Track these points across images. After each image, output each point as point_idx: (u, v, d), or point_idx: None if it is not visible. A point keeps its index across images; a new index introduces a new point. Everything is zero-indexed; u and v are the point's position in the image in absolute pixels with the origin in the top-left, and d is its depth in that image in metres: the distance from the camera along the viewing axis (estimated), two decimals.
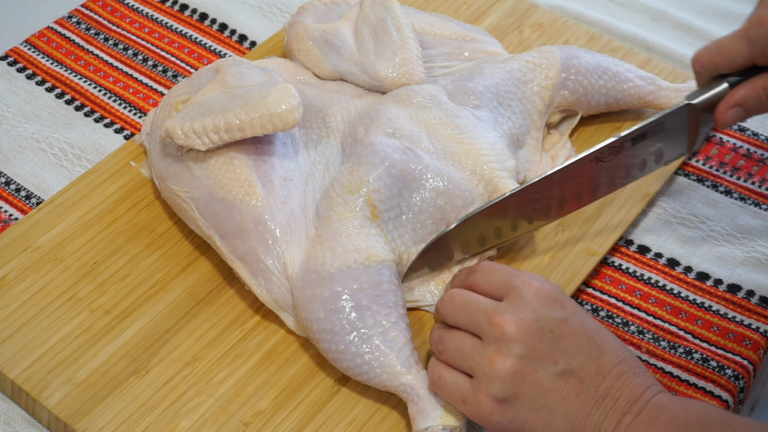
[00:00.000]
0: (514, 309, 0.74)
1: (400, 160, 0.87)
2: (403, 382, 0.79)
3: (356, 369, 0.80)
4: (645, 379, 0.72)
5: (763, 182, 1.02)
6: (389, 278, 0.83)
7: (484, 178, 0.89)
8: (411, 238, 0.87)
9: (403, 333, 0.80)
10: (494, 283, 0.77)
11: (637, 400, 0.71)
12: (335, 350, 0.80)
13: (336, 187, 0.86)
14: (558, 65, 0.98)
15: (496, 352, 0.73)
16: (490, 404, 0.73)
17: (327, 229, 0.84)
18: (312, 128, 0.93)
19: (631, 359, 0.73)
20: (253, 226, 0.84)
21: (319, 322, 0.81)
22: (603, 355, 0.73)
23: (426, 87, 0.94)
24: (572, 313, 0.74)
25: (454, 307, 0.77)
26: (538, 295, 0.75)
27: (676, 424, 0.69)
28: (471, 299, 0.77)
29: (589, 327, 0.74)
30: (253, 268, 0.84)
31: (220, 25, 1.13)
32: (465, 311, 0.76)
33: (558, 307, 0.74)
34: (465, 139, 0.91)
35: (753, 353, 0.89)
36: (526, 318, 0.73)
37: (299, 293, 0.82)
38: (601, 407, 0.71)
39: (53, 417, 0.80)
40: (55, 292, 0.87)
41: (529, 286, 0.75)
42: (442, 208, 0.88)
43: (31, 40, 1.10)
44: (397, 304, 0.82)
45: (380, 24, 0.97)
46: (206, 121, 0.85)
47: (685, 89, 1.01)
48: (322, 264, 0.82)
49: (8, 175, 0.98)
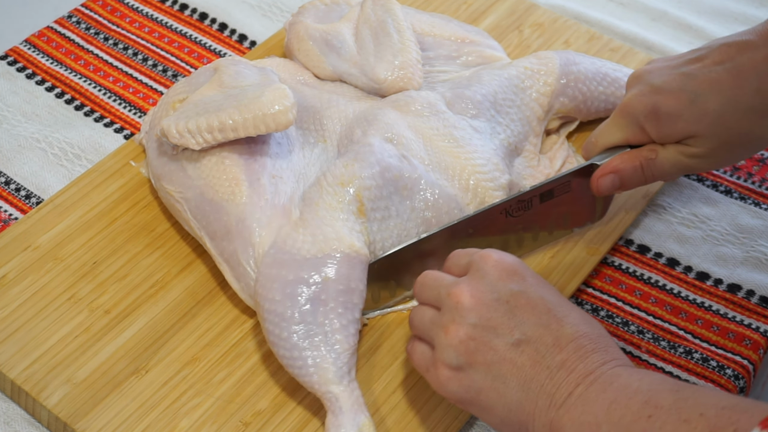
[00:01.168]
0: (471, 280, 0.75)
1: (396, 166, 0.87)
2: (331, 390, 0.78)
3: (291, 361, 0.79)
4: (604, 354, 0.71)
5: (763, 182, 1.02)
6: (359, 275, 0.82)
7: (477, 196, 0.89)
8: (393, 244, 0.87)
9: (348, 339, 0.80)
10: (460, 264, 0.78)
11: (592, 372, 0.70)
12: (278, 335, 0.79)
13: (328, 177, 0.86)
14: (557, 71, 0.97)
15: (451, 320, 0.74)
16: (446, 372, 0.74)
17: (312, 215, 0.84)
18: (309, 129, 0.93)
19: (593, 334, 0.72)
20: (236, 226, 0.84)
21: (274, 302, 0.80)
22: (562, 328, 0.72)
23: (425, 94, 0.94)
24: (531, 286, 0.74)
25: (423, 285, 0.78)
26: (495, 267, 0.75)
27: (627, 391, 0.68)
28: (437, 276, 0.78)
29: (549, 300, 0.73)
30: (236, 272, 0.84)
31: (220, 25, 1.13)
32: (430, 287, 0.77)
33: (517, 279, 0.74)
34: (461, 153, 0.90)
35: (753, 353, 0.89)
36: (482, 288, 0.74)
37: (264, 269, 0.81)
38: (555, 378, 0.71)
39: (53, 417, 0.80)
40: (55, 292, 0.87)
41: (487, 258, 0.75)
42: (428, 221, 0.88)
43: (31, 40, 1.10)
44: (356, 306, 0.81)
45: (381, 26, 0.97)
46: (200, 121, 0.85)
47: None
48: (299, 249, 0.82)
49: (8, 175, 0.98)
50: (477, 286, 0.74)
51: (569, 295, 0.90)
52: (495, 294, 0.73)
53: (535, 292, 0.74)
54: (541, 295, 0.74)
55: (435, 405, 0.82)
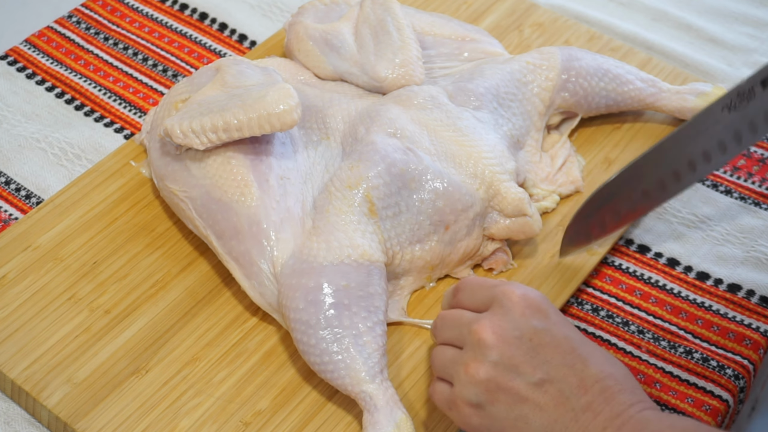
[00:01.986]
0: (493, 317, 0.73)
1: (401, 159, 0.87)
2: (364, 390, 0.78)
3: (322, 366, 0.79)
4: (631, 396, 0.70)
5: (763, 182, 1.02)
6: (377, 281, 0.83)
7: (485, 181, 0.89)
8: (407, 238, 0.87)
9: (376, 339, 0.80)
10: (477, 299, 0.77)
11: (619, 416, 0.69)
12: (306, 342, 0.80)
13: (335, 182, 0.86)
14: (558, 67, 0.98)
15: (472, 358, 0.73)
16: (467, 410, 0.73)
17: (324, 222, 0.84)
18: (312, 129, 0.93)
19: (618, 375, 0.71)
20: (248, 228, 0.84)
21: (298, 311, 0.80)
22: (587, 368, 0.71)
23: (426, 88, 0.94)
24: (555, 324, 0.73)
25: (443, 326, 0.77)
26: (518, 303, 0.73)
27: None
28: (457, 315, 0.76)
29: (573, 339, 0.72)
30: (247, 270, 0.84)
31: (220, 25, 1.13)
32: (451, 327, 0.76)
33: (540, 316, 0.73)
34: (466, 141, 0.91)
35: (753, 353, 0.89)
36: (504, 325, 0.73)
37: (285, 280, 0.82)
38: (581, 420, 0.69)
39: (53, 417, 0.80)
40: (55, 292, 0.87)
41: (511, 294, 0.74)
42: (441, 210, 0.88)
43: (31, 40, 1.10)
44: (379, 309, 0.82)
45: (380, 24, 0.97)
46: (205, 121, 0.85)
47: (685, 91, 1.01)
48: (315, 256, 0.82)
49: (8, 175, 0.98)
50: (499, 323, 0.73)
51: (569, 295, 0.90)
52: (518, 331, 0.72)
53: (559, 330, 0.72)
54: (566, 334, 0.72)
55: (435, 405, 0.82)
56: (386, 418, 0.77)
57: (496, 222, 0.89)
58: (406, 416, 0.78)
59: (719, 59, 1.14)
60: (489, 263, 0.91)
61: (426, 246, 0.88)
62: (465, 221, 0.88)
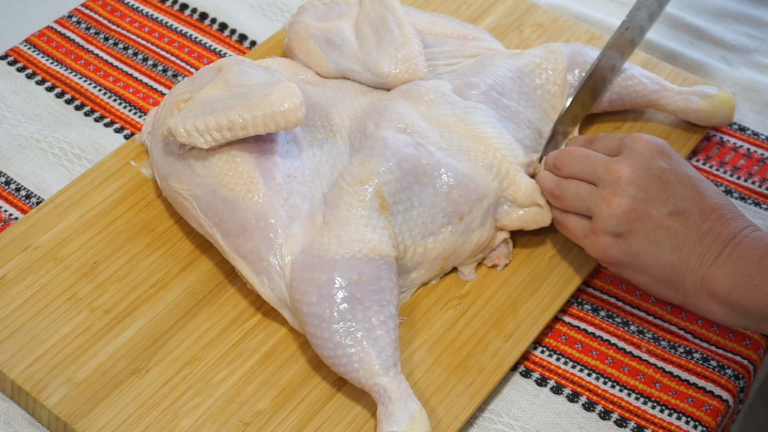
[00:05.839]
0: (627, 159, 0.85)
1: (412, 155, 0.87)
2: (378, 382, 0.79)
3: (336, 359, 0.80)
4: (742, 221, 0.83)
5: (763, 182, 1.02)
6: (388, 275, 0.83)
7: (501, 172, 0.89)
8: (420, 232, 0.87)
9: (389, 333, 0.80)
10: (609, 146, 0.88)
11: (735, 236, 0.82)
12: (320, 336, 0.80)
13: (346, 177, 0.87)
14: (565, 62, 0.98)
15: (612, 193, 0.84)
16: (607, 239, 0.84)
17: (335, 216, 0.84)
18: (316, 127, 0.93)
19: (729, 205, 0.84)
20: (255, 224, 0.84)
21: (311, 305, 0.81)
22: (705, 200, 0.83)
23: (433, 83, 0.95)
24: (678, 165, 0.85)
25: (572, 159, 0.88)
26: (647, 148, 0.85)
27: None
28: (589, 153, 0.88)
29: (693, 176, 0.85)
30: (256, 267, 0.84)
31: (220, 25, 1.13)
32: (582, 162, 0.87)
33: (665, 158, 0.85)
34: (477, 134, 0.91)
35: (753, 353, 0.89)
36: (639, 165, 0.84)
37: (297, 274, 0.82)
38: (704, 242, 0.82)
39: (53, 417, 0.80)
40: (54, 292, 0.87)
41: (640, 140, 0.86)
42: (455, 201, 0.88)
43: (31, 40, 1.10)
44: (390, 302, 0.82)
45: (381, 21, 0.97)
46: (209, 119, 0.85)
47: (690, 92, 1.01)
48: (326, 250, 0.82)
49: (8, 175, 0.98)
50: (633, 164, 0.84)
51: (569, 295, 0.90)
52: (650, 171, 0.84)
53: (681, 169, 0.85)
54: (686, 172, 0.85)
55: (435, 405, 0.82)
56: (401, 410, 0.78)
57: (508, 213, 0.90)
58: (420, 408, 0.78)
59: (719, 59, 1.14)
60: (492, 260, 0.91)
61: (439, 237, 0.88)
62: (479, 211, 0.89)
